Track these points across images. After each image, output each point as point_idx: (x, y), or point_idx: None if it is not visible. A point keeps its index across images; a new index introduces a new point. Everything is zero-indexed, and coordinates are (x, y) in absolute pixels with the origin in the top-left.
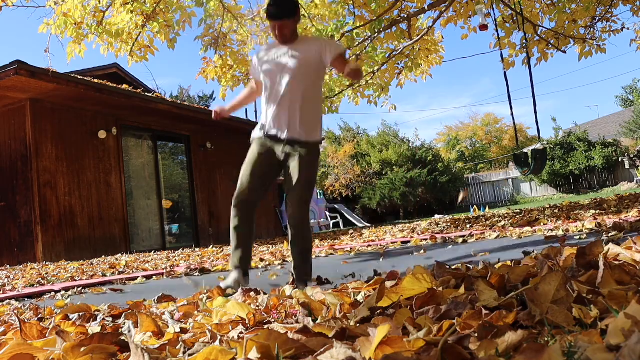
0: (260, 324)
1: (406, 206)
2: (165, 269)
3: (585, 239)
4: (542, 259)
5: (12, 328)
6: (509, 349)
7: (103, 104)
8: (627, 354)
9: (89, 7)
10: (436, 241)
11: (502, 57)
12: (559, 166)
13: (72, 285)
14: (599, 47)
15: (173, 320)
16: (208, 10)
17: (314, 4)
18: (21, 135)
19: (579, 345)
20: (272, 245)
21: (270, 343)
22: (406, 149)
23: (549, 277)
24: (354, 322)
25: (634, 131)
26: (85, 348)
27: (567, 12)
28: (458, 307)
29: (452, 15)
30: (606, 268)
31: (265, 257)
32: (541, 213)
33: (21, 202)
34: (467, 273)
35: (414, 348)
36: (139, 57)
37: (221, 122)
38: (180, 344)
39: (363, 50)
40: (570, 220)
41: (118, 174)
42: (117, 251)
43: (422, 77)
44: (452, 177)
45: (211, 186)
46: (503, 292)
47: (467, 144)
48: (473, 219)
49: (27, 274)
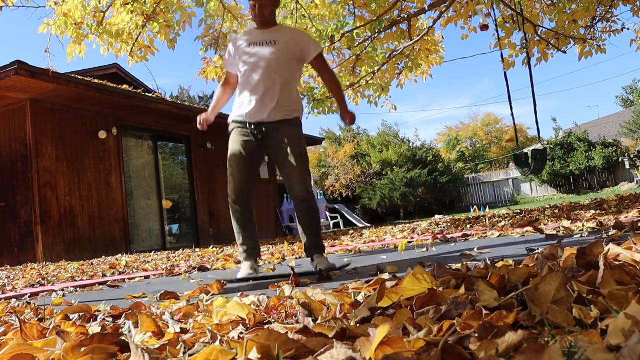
0: (260, 324)
1: (406, 206)
2: (165, 269)
3: (587, 236)
4: (542, 258)
5: (12, 328)
6: (509, 349)
7: (103, 104)
8: (627, 354)
9: (89, 7)
10: (437, 239)
11: (502, 57)
12: (559, 166)
13: (72, 285)
14: (598, 47)
15: (173, 320)
16: (208, 10)
17: (314, 4)
18: (21, 135)
19: (579, 345)
20: (272, 245)
21: (270, 343)
22: (406, 149)
23: (549, 277)
24: (354, 322)
25: (634, 131)
26: (85, 348)
27: (567, 12)
28: (458, 307)
29: (452, 15)
30: (606, 268)
31: (264, 257)
32: (541, 213)
33: (21, 202)
34: (467, 273)
35: (414, 348)
36: (139, 57)
37: (221, 122)
38: (180, 344)
39: (363, 50)
40: (571, 220)
41: (118, 174)
42: (117, 251)
43: (422, 77)
44: (452, 177)
45: (211, 186)
46: (503, 292)
47: (467, 144)
48: (473, 219)
49: (27, 274)
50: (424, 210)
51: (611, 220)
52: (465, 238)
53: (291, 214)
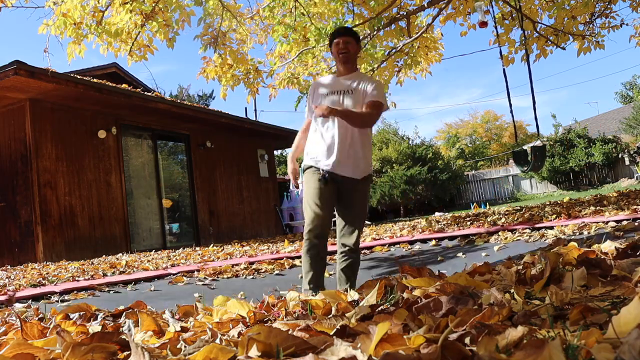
0: (260, 322)
1: (406, 204)
2: (165, 268)
3: (595, 233)
4: (544, 254)
5: (13, 328)
6: (510, 346)
7: (102, 104)
8: (627, 349)
9: (88, 7)
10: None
11: (501, 54)
12: (559, 163)
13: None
14: (597, 43)
15: (173, 319)
16: (207, 9)
17: (313, 2)
18: (21, 135)
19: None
20: (272, 244)
21: (271, 340)
22: (406, 147)
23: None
24: (354, 320)
25: (634, 127)
26: (86, 347)
27: (566, 8)
28: (459, 303)
29: (452, 12)
30: (608, 266)
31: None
32: (541, 210)
33: (21, 202)
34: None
35: (414, 345)
36: (138, 57)
37: (221, 121)
38: (180, 343)
39: (362, 48)
40: (571, 217)
41: (118, 173)
42: (118, 251)
43: (421, 75)
44: (452, 174)
45: (211, 185)
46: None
47: (467, 141)
48: (473, 216)
49: (27, 274)
50: (424, 208)
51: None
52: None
53: (291, 212)
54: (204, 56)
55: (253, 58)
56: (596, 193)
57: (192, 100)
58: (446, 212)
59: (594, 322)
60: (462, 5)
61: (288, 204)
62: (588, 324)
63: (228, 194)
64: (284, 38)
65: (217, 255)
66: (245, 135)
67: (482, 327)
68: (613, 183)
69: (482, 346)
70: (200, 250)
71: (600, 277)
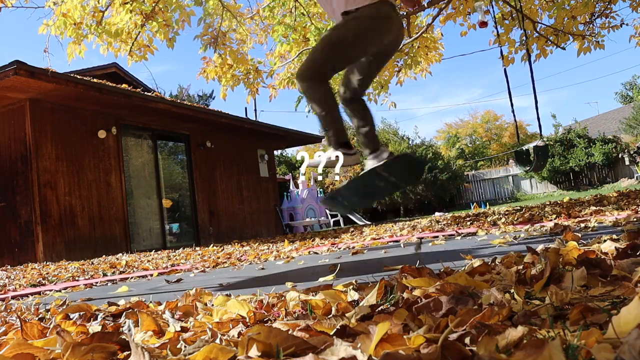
0: (260, 322)
1: (406, 204)
2: (165, 268)
3: (593, 232)
4: (544, 254)
5: (13, 328)
6: (510, 346)
7: (102, 104)
8: (627, 349)
9: (88, 7)
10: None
11: (501, 53)
12: (559, 163)
13: (72, 285)
14: (597, 43)
15: (173, 319)
16: (207, 9)
17: (313, 2)
18: (21, 135)
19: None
20: (272, 244)
21: (271, 340)
22: (406, 147)
23: (550, 273)
24: (354, 320)
25: (634, 127)
26: (86, 347)
27: (566, 8)
28: (459, 303)
29: (452, 12)
30: (608, 266)
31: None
32: (541, 210)
33: (21, 202)
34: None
35: (414, 345)
36: (138, 57)
37: (221, 121)
38: (180, 343)
39: None
40: (571, 217)
41: (118, 173)
42: (118, 251)
43: (421, 75)
44: (452, 174)
45: (211, 185)
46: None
47: (467, 141)
48: (473, 216)
49: (27, 274)
50: (424, 208)
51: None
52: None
53: (291, 212)
54: (204, 56)
55: (253, 58)
56: (596, 193)
57: (192, 100)
58: (446, 212)
59: (594, 322)
60: (462, 5)
61: (288, 204)
62: (588, 324)
63: (228, 194)
64: (284, 38)
65: (217, 255)
66: (245, 135)
67: (482, 327)
68: (613, 183)
69: (482, 346)
70: (200, 250)
71: (600, 277)
